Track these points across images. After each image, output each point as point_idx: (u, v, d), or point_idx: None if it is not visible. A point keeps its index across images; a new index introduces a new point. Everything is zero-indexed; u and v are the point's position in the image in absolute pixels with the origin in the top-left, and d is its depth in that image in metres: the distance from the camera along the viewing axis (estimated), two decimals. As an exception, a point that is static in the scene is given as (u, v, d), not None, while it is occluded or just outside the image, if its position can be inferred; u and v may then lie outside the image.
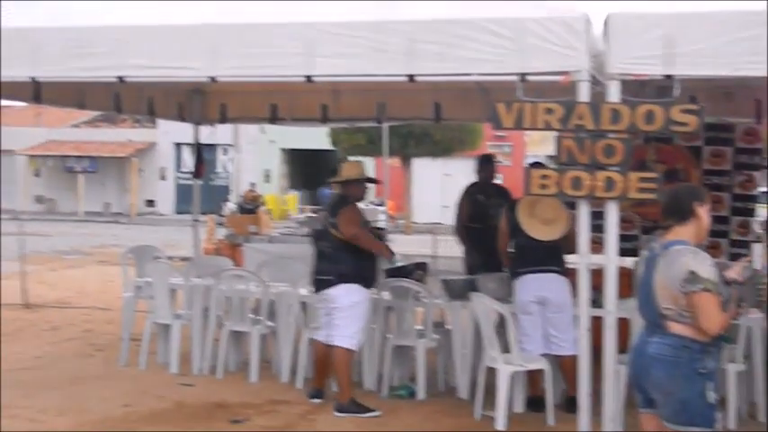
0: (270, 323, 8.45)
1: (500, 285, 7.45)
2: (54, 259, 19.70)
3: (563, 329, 6.94)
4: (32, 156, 38.59)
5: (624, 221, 9.49)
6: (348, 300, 7.20)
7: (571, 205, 6.28)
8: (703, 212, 4.50)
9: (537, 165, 8.00)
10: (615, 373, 5.79)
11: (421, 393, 7.70)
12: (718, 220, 9.49)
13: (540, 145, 29.65)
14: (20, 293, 12.76)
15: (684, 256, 4.31)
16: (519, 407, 7.20)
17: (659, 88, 5.66)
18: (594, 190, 5.55)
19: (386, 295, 7.83)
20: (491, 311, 6.91)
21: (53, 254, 20.88)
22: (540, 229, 6.92)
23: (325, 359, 7.48)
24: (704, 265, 4.32)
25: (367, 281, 7.34)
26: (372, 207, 18.85)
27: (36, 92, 7.01)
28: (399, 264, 7.69)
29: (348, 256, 7.23)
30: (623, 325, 6.80)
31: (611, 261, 5.64)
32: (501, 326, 6.94)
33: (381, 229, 8.69)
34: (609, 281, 5.63)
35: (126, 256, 9.78)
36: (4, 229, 18.02)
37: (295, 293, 8.19)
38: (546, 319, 6.98)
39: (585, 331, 5.71)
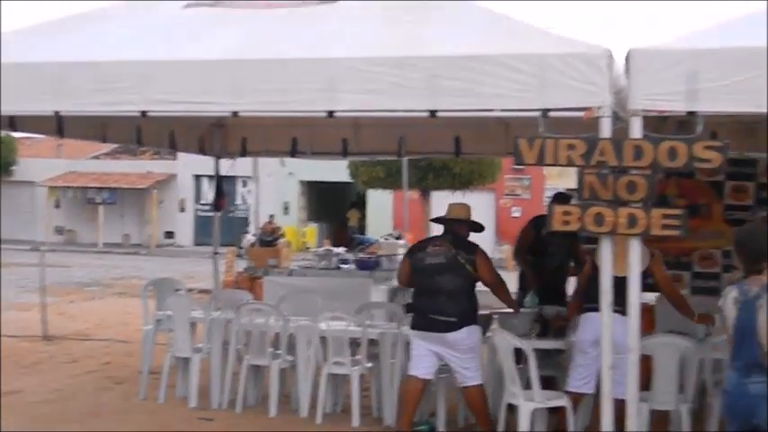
0: (289, 357, 8.42)
1: (522, 321, 7.40)
2: (74, 291, 19.77)
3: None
4: (52, 187, 38.82)
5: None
6: (472, 340, 7.13)
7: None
8: None
9: (560, 196, 8.02)
10: (638, 411, 5.71)
11: (441, 427, 7.63)
12: None
13: (559, 178, 29.60)
14: (40, 325, 12.81)
15: None
16: (540, 444, 7.14)
17: (680, 123, 5.63)
18: (617, 227, 5.50)
19: (406, 329, 7.77)
20: (511, 347, 6.86)
21: (73, 285, 20.96)
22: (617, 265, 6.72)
23: (417, 397, 7.31)
24: None
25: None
26: (392, 240, 18.78)
27: (59, 126, 7.06)
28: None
29: (471, 294, 7.18)
30: (645, 362, 6.81)
31: (634, 300, 5.55)
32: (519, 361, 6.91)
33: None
34: (632, 318, 5.55)
35: (146, 289, 9.78)
36: (24, 261, 18.11)
37: (315, 327, 8.16)
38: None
39: (608, 369, 5.63)
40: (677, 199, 9.25)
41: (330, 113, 6.08)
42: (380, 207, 35.29)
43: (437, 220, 7.66)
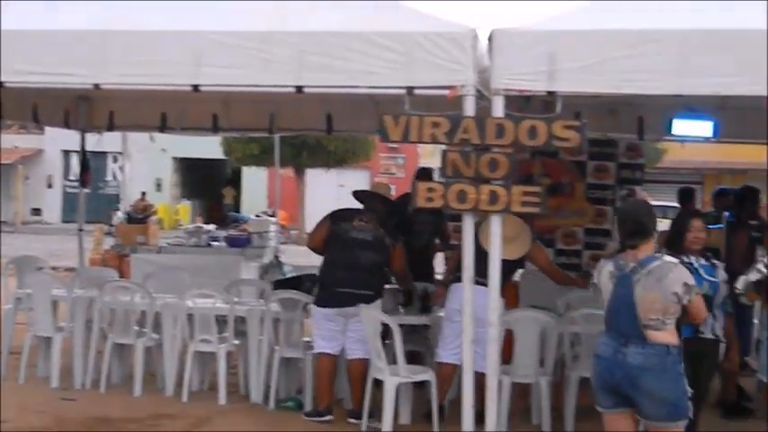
0: (155, 335, 8.30)
1: (389, 297, 7.48)
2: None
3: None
4: None
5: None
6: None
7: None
8: (655, 231, 4.94)
9: (422, 171, 8.07)
10: (498, 384, 5.85)
11: (308, 405, 7.65)
12: (601, 233, 9.83)
13: (433, 157, 29.95)
14: None
15: (674, 270, 4.78)
16: (406, 418, 7.24)
17: (546, 104, 5.75)
18: (479, 203, 5.61)
19: (274, 306, 7.78)
20: (377, 322, 6.93)
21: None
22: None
23: (333, 373, 7.35)
24: (689, 274, 4.85)
25: None
26: (264, 218, 18.67)
27: None
28: (290, 275, 7.64)
29: (384, 274, 7.34)
30: (508, 336, 6.99)
31: (494, 275, 5.68)
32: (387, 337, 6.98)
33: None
34: (493, 293, 5.68)
35: (7, 267, 9.48)
36: None
37: (181, 305, 8.06)
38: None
39: (469, 343, 5.75)
40: (542, 178, 9.54)
41: (195, 87, 6.01)
42: (255, 184, 35.03)
43: (356, 194, 7.67)
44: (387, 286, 7.60)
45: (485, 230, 6.72)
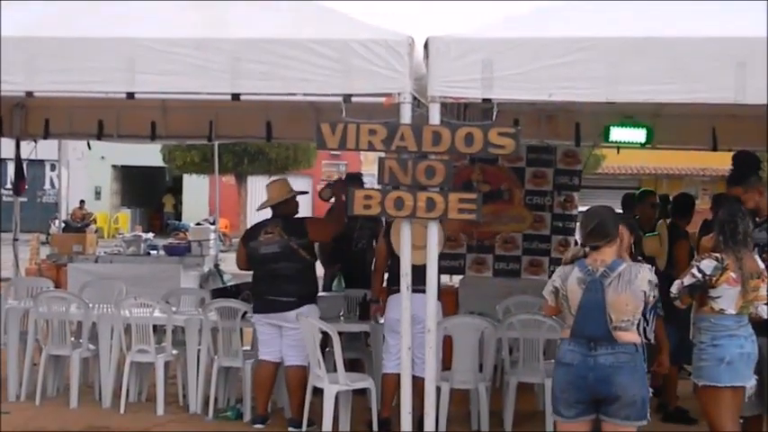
0: (92, 346, 8.17)
1: (330, 305, 7.45)
2: None
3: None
4: None
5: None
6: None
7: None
8: (625, 232, 5.11)
9: (352, 177, 8.27)
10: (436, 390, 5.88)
11: (247, 415, 7.59)
12: (539, 238, 9.91)
13: (375, 164, 29.91)
14: None
15: (642, 271, 4.92)
16: (346, 426, 7.21)
17: (485, 111, 5.78)
18: (416, 210, 5.60)
19: (213, 316, 7.70)
20: (316, 331, 6.89)
21: None
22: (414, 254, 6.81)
23: (270, 380, 7.35)
24: (652, 272, 4.98)
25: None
26: (205, 225, 18.38)
27: None
28: (229, 283, 7.59)
29: (310, 276, 7.25)
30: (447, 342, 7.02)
31: (432, 280, 5.69)
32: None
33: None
34: (430, 300, 5.69)
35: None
36: None
37: (118, 314, 7.94)
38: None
39: (407, 349, 5.75)
40: (481, 184, 9.54)
41: (130, 95, 5.96)
42: (196, 192, 34.67)
43: (263, 208, 7.60)
44: (325, 294, 7.57)
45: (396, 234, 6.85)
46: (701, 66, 5.36)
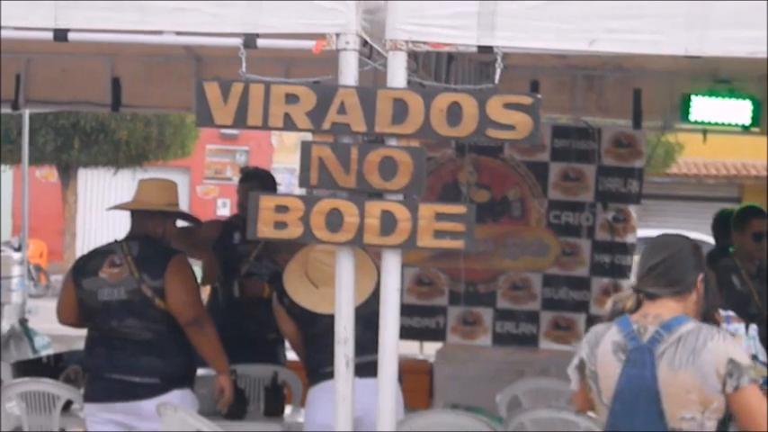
0: None
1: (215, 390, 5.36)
2: None
3: None
4: None
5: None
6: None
7: None
8: (701, 284, 3.85)
9: (256, 174, 6.51)
10: None
11: None
12: (571, 282, 7.09)
13: (295, 152, 25.62)
14: None
15: (716, 339, 3.66)
16: None
17: (482, 67, 4.74)
18: (364, 232, 3.82)
19: (13, 407, 5.59)
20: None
21: None
22: (313, 296, 4.83)
23: None
24: (739, 348, 3.85)
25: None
26: (4, 252, 14.26)
27: None
28: (44, 352, 5.49)
29: (181, 341, 5.15)
30: None
31: (389, 351, 3.66)
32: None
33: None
34: (384, 387, 3.62)
35: None
36: None
37: None
38: None
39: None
40: (475, 189, 7.07)
41: None
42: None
43: (122, 209, 5.59)
44: (207, 372, 5.38)
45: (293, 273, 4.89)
46: None
